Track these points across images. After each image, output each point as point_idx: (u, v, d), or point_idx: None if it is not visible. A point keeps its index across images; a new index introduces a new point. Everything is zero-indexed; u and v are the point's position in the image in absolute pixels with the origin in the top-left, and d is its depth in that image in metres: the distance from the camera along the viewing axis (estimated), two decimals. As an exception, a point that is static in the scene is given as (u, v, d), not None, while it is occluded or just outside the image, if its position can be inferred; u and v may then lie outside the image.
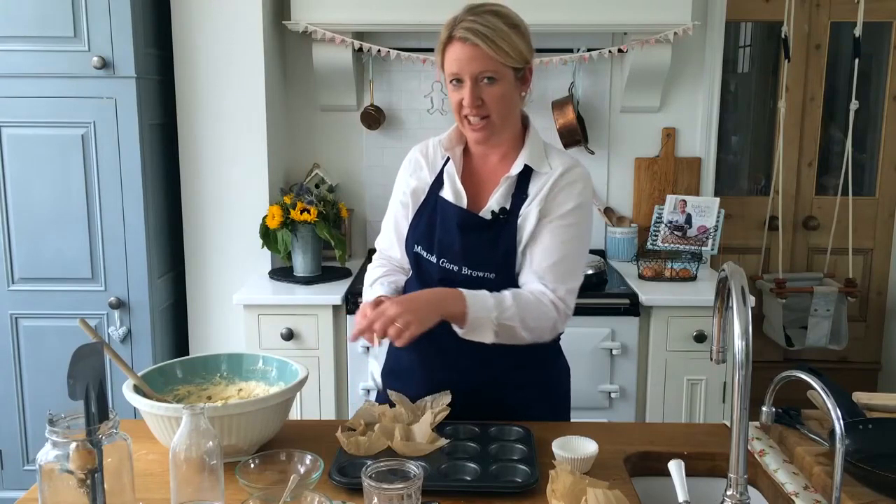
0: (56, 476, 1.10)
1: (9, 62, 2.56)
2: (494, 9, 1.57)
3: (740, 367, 1.10)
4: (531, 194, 1.62)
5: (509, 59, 1.54)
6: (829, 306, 3.34)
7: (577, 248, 1.64)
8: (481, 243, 1.62)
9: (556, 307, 1.59)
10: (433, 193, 1.68)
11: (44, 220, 2.66)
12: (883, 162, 3.59)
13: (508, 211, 1.62)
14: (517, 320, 1.54)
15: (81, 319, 1.37)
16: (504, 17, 1.56)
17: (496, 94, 1.56)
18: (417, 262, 1.69)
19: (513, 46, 1.54)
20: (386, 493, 1.14)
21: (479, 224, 1.62)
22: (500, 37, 1.53)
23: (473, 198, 1.66)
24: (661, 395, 2.75)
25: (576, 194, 1.62)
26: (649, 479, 1.49)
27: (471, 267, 1.62)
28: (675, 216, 3.07)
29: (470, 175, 1.69)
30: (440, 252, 1.64)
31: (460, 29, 1.53)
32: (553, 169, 1.63)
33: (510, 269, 1.62)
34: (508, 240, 1.61)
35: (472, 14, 1.54)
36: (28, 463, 2.81)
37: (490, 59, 1.53)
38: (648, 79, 3.10)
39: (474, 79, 1.54)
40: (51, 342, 2.72)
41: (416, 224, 1.69)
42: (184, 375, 1.62)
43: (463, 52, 1.53)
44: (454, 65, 1.55)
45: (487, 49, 1.52)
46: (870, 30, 3.38)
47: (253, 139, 2.85)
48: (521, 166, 1.63)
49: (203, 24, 2.78)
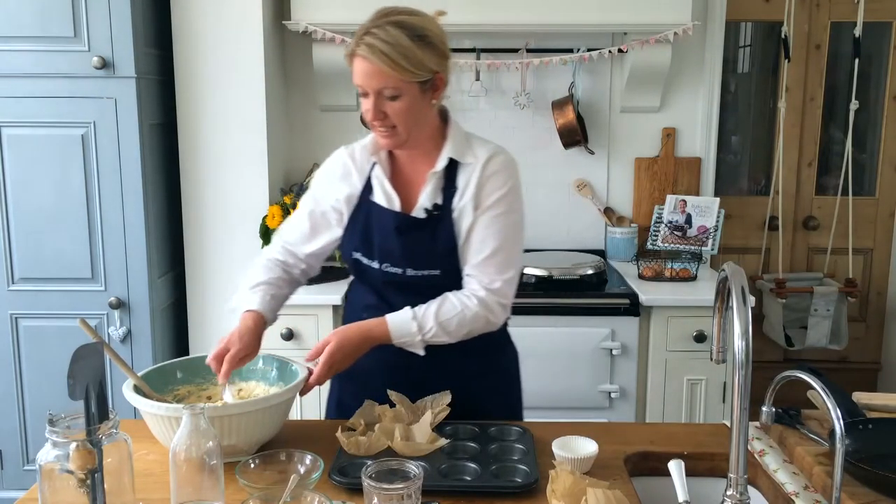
0: (56, 476, 1.10)
1: (9, 62, 2.56)
2: (399, 19, 1.51)
3: (740, 367, 1.10)
4: (460, 186, 1.63)
5: (410, 76, 1.51)
6: (829, 306, 3.34)
7: (509, 236, 1.64)
8: (421, 243, 1.63)
9: (486, 304, 1.61)
10: (364, 199, 1.67)
11: (44, 220, 2.66)
12: (883, 162, 3.59)
13: (441, 206, 1.63)
14: (442, 334, 1.60)
15: (81, 319, 1.37)
16: (409, 27, 1.51)
17: (399, 108, 1.54)
18: (358, 268, 1.70)
19: (415, 61, 1.50)
20: (386, 493, 1.14)
21: (416, 224, 1.63)
22: (400, 53, 1.48)
23: (405, 199, 1.65)
24: (661, 395, 2.75)
25: (501, 183, 1.63)
26: (649, 479, 1.49)
27: (414, 268, 1.64)
28: (675, 216, 3.07)
29: (398, 176, 1.68)
30: (381, 256, 1.65)
31: (361, 45, 1.50)
32: (477, 158, 1.64)
33: (454, 265, 1.64)
34: (447, 236, 1.62)
35: (375, 26, 1.50)
36: (28, 463, 2.81)
37: (390, 77, 1.50)
38: (648, 79, 3.10)
39: (377, 93, 1.52)
40: (51, 342, 2.72)
41: (352, 231, 1.69)
42: (184, 375, 1.62)
43: (363, 68, 1.51)
44: (357, 78, 1.53)
45: (386, 68, 1.49)
46: (870, 30, 3.38)
47: (253, 139, 2.85)
48: (446, 160, 1.63)
49: (203, 24, 2.78)
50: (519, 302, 2.72)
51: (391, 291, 1.67)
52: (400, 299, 1.64)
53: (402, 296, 1.64)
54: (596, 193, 3.29)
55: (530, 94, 3.16)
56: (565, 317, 2.69)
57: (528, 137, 3.23)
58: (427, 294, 1.63)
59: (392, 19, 1.51)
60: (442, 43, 1.56)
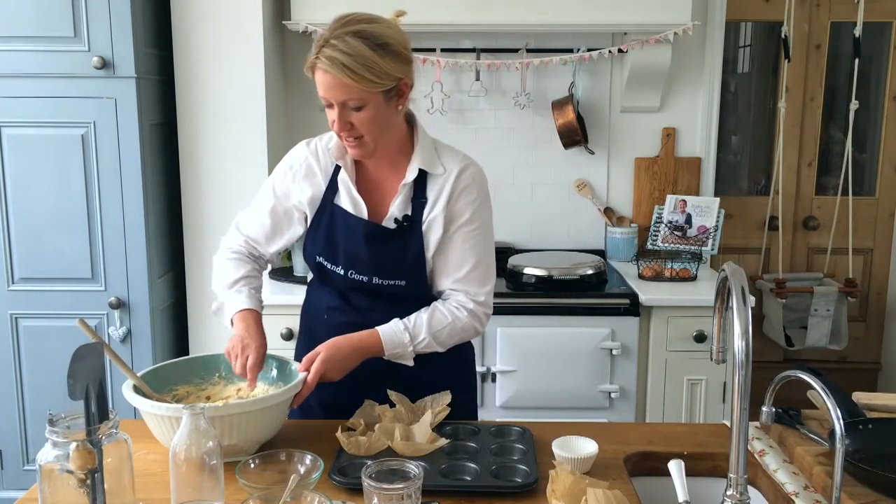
0: (56, 476, 1.11)
1: (9, 62, 2.56)
2: (358, 28, 1.48)
3: (740, 367, 1.10)
4: (430, 198, 1.63)
5: (373, 86, 1.48)
6: (829, 306, 3.34)
7: (486, 248, 1.67)
8: (389, 253, 1.62)
9: (476, 315, 1.66)
10: (328, 201, 1.65)
11: (44, 220, 2.66)
12: (883, 162, 3.59)
13: (411, 217, 1.62)
14: (434, 344, 1.63)
15: (80, 319, 1.37)
16: (369, 37, 1.47)
17: (365, 118, 1.51)
18: (320, 271, 1.69)
19: (377, 71, 1.47)
20: (386, 493, 1.14)
21: (385, 234, 1.62)
22: (360, 64, 1.45)
23: (373, 206, 1.64)
24: (661, 395, 2.75)
25: (473, 198, 1.64)
26: (649, 479, 1.49)
27: (381, 276, 1.63)
28: (675, 216, 3.07)
29: (364, 183, 1.66)
30: (347, 263, 1.64)
31: (322, 57, 1.46)
32: (447, 170, 1.63)
33: (420, 276, 1.64)
34: (416, 247, 1.62)
35: (334, 37, 1.46)
36: (28, 463, 2.81)
37: (353, 89, 1.47)
38: (648, 79, 3.10)
39: (341, 105, 1.50)
40: (51, 342, 2.72)
41: (315, 234, 1.67)
42: (183, 376, 1.62)
43: (325, 80, 1.48)
44: (320, 89, 1.50)
45: (348, 80, 1.46)
46: (870, 30, 3.38)
47: (253, 139, 2.85)
48: (416, 171, 1.62)
49: (203, 24, 2.78)
50: (519, 302, 2.76)
51: (354, 294, 1.67)
52: (364, 302, 1.66)
53: (367, 299, 1.66)
54: (596, 193, 3.29)
55: (530, 94, 3.17)
56: (565, 317, 2.69)
57: (528, 137, 3.23)
58: (391, 301, 1.64)
59: (351, 29, 1.47)
60: (404, 48, 1.53)
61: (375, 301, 1.65)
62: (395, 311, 1.64)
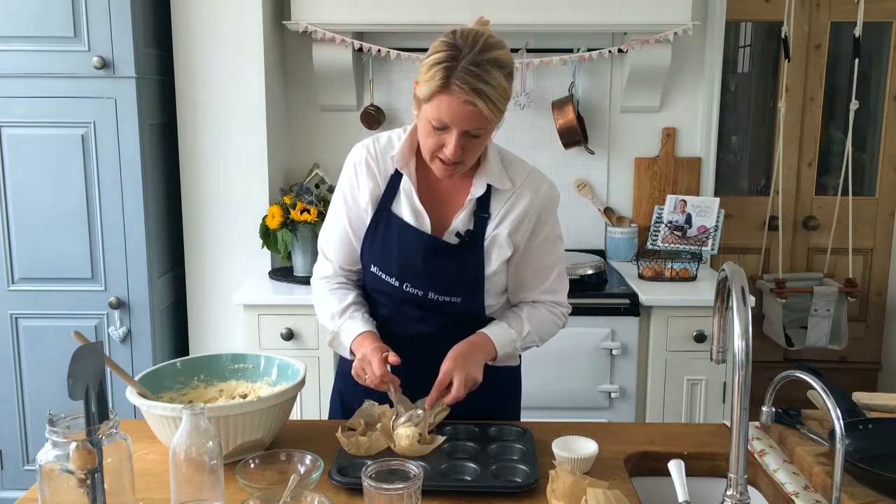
0: (56, 476, 1.10)
1: (9, 62, 2.56)
2: (496, 56, 1.41)
3: (740, 367, 1.10)
4: (494, 213, 1.58)
5: (500, 116, 1.45)
6: (829, 306, 3.34)
7: (563, 254, 1.70)
8: (449, 269, 1.57)
9: (565, 314, 1.71)
10: (384, 208, 1.58)
11: (44, 220, 2.66)
12: (883, 162, 3.59)
13: (473, 233, 1.58)
14: (537, 340, 1.66)
15: (76, 332, 1.33)
16: (504, 65, 1.42)
17: (478, 145, 1.48)
18: (373, 279, 1.63)
19: (508, 100, 1.44)
20: (386, 493, 1.14)
21: (446, 249, 1.57)
22: (501, 96, 1.41)
23: (434, 219, 1.57)
24: (661, 395, 2.75)
25: (553, 217, 1.64)
26: (649, 479, 1.49)
27: (437, 292, 1.59)
28: (675, 216, 3.07)
29: (427, 192, 1.59)
30: (402, 276, 1.58)
31: (463, 85, 1.37)
32: (515, 186, 1.59)
33: (478, 293, 1.60)
34: (476, 265, 1.58)
35: (473, 64, 1.38)
36: (28, 463, 2.81)
37: (484, 118, 1.42)
38: (648, 79, 3.10)
39: (464, 132, 1.43)
40: (51, 342, 2.72)
41: (371, 241, 1.60)
42: (183, 376, 1.62)
43: (460, 110, 1.40)
44: (445, 115, 1.41)
45: (487, 112, 1.40)
46: (870, 30, 3.38)
47: (253, 139, 2.85)
48: (485, 187, 1.57)
49: (203, 24, 2.78)
50: (519, 302, 2.75)
51: (408, 306, 1.62)
52: (417, 314, 1.61)
53: (419, 311, 1.61)
54: (596, 193, 3.29)
55: (530, 94, 3.17)
56: (565, 317, 2.69)
57: (528, 137, 3.23)
58: (444, 315, 1.60)
59: (491, 57, 1.40)
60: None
61: (427, 314, 1.60)
62: (447, 325, 1.60)
